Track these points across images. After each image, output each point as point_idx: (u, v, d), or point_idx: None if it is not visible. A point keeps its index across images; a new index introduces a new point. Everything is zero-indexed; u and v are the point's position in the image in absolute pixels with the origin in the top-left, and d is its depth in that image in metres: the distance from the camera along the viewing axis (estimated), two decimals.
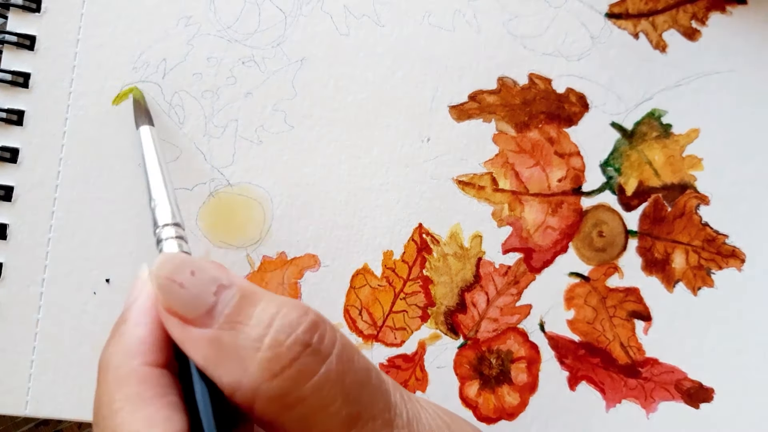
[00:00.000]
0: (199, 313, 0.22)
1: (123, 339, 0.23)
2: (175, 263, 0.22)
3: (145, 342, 0.23)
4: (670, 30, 0.35)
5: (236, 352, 0.21)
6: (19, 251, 0.32)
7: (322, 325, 0.22)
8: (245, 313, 0.22)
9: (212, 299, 0.22)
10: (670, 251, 0.35)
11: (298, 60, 0.33)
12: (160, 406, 0.21)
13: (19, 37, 0.32)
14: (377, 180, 0.34)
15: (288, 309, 0.22)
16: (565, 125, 0.35)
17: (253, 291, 0.22)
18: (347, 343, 0.22)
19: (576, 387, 0.34)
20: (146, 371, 0.22)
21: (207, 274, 0.22)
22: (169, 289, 0.22)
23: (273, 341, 0.21)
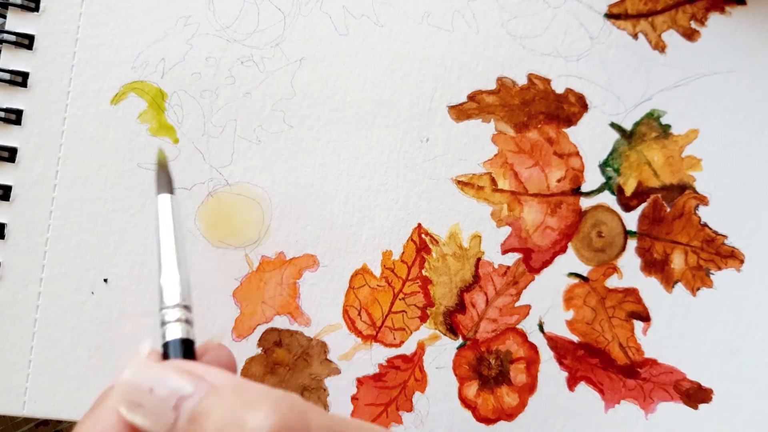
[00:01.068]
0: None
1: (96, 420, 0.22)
2: (133, 384, 0.21)
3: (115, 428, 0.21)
4: (670, 30, 0.35)
5: None
6: (17, 251, 0.32)
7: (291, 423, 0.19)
8: (198, 428, 0.20)
9: (171, 416, 0.20)
10: (669, 252, 0.35)
11: (297, 60, 0.33)
12: None
13: (17, 36, 0.32)
14: (376, 180, 0.34)
15: (247, 417, 0.19)
16: (564, 125, 0.35)
17: (214, 402, 0.20)
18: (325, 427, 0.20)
19: (575, 387, 0.34)
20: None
21: (166, 389, 0.21)
22: (130, 410, 0.21)
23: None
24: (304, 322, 0.33)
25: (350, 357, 0.34)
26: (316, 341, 0.34)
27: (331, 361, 0.34)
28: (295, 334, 0.33)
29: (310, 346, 0.33)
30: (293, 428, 0.19)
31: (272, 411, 0.19)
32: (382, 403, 0.34)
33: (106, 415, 0.21)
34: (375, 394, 0.34)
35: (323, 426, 0.20)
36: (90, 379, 0.33)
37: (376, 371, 0.34)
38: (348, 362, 0.34)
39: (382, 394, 0.34)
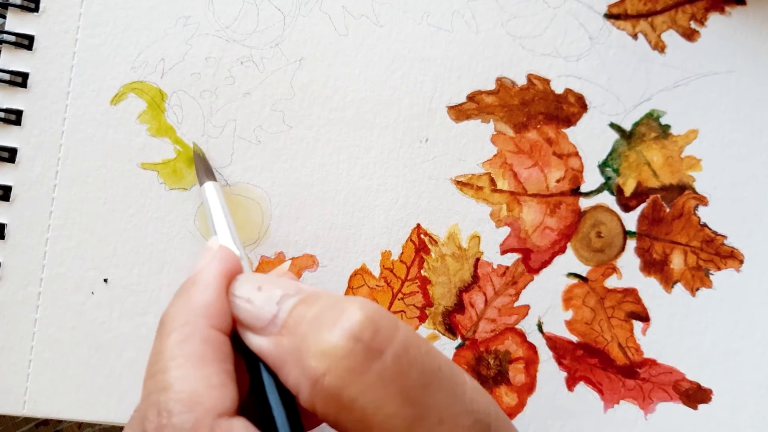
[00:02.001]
0: (264, 323, 0.22)
1: (191, 300, 0.23)
2: (242, 281, 0.24)
3: (212, 306, 0.23)
4: (669, 31, 0.35)
5: (294, 354, 0.21)
6: (17, 251, 0.32)
7: (377, 320, 0.21)
8: (301, 317, 0.22)
9: (275, 309, 0.22)
10: (668, 252, 0.35)
11: (296, 60, 0.33)
12: (219, 371, 0.22)
13: (17, 36, 0.32)
14: (375, 180, 0.34)
15: (343, 306, 0.21)
16: (563, 126, 0.35)
17: (312, 295, 0.23)
18: (410, 341, 0.21)
19: (574, 387, 0.34)
20: (212, 334, 0.23)
21: (273, 287, 0.23)
22: (238, 305, 0.23)
23: (324, 341, 0.21)
24: None
25: None
26: None
27: None
28: None
29: None
30: (380, 328, 0.21)
31: (362, 308, 0.21)
32: None
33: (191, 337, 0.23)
34: None
35: (409, 332, 0.21)
36: (90, 379, 0.33)
37: None
38: None
39: None
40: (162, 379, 0.22)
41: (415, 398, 0.20)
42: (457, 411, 0.21)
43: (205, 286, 0.24)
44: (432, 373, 0.21)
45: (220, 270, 0.24)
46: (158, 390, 0.21)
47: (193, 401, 0.21)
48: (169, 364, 0.22)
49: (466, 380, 0.22)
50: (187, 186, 0.33)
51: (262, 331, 0.22)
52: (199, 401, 0.21)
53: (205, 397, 0.21)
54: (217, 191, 0.30)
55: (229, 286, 0.24)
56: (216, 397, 0.21)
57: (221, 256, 0.25)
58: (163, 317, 0.24)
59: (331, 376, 0.20)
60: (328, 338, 0.21)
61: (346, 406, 0.20)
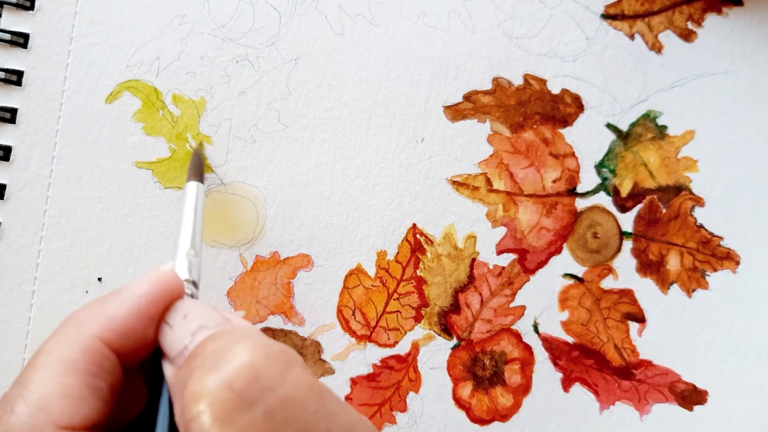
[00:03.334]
0: (175, 352, 0.22)
1: (97, 307, 0.23)
2: (175, 307, 0.23)
3: (113, 320, 0.22)
4: (666, 31, 0.35)
5: (180, 389, 0.20)
6: (12, 250, 0.32)
7: (260, 369, 0.19)
8: (200, 352, 0.21)
9: (188, 340, 0.22)
10: (664, 253, 0.35)
11: (292, 59, 0.33)
12: (83, 384, 0.21)
13: (12, 35, 0.32)
14: (371, 180, 0.34)
15: (234, 347, 0.20)
16: (560, 126, 0.34)
17: (225, 331, 0.21)
18: (294, 396, 0.19)
19: (569, 388, 0.34)
20: (94, 344, 0.22)
21: (196, 318, 0.22)
22: (161, 329, 0.23)
23: (200, 383, 0.19)
24: (298, 322, 0.33)
25: (344, 357, 0.34)
26: (310, 341, 0.33)
27: (325, 361, 0.34)
28: (289, 334, 0.33)
29: (304, 346, 0.33)
30: (260, 377, 0.19)
31: (249, 352, 0.20)
32: (375, 404, 0.34)
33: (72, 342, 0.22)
34: (369, 394, 0.34)
35: (300, 386, 0.20)
36: None
37: (370, 371, 0.34)
38: (342, 362, 0.34)
39: (376, 394, 0.34)
40: (26, 374, 0.21)
41: None
42: None
43: (120, 300, 0.23)
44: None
45: (146, 291, 0.23)
46: (18, 382, 0.21)
47: (39, 406, 0.20)
48: (39, 360, 0.21)
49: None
50: (182, 185, 0.33)
51: (172, 359, 0.22)
52: (45, 407, 0.20)
53: (54, 405, 0.20)
54: (199, 193, 0.29)
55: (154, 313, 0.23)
56: (66, 408, 0.20)
57: (160, 280, 0.23)
58: (70, 313, 0.23)
59: (201, 422, 0.19)
60: (206, 380, 0.19)
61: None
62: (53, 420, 0.20)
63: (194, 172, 0.30)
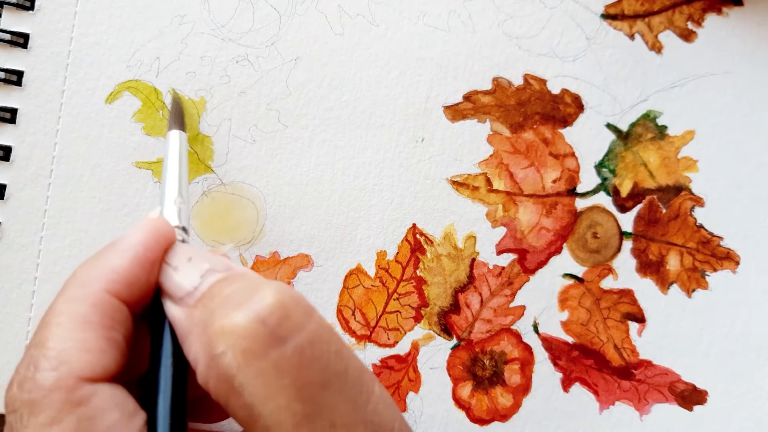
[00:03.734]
0: (183, 293, 0.22)
1: (98, 262, 0.23)
2: (177, 250, 0.23)
3: (117, 272, 0.22)
4: (666, 31, 0.35)
5: (200, 327, 0.21)
6: (12, 250, 0.32)
7: (289, 307, 0.20)
8: (217, 293, 0.21)
9: (197, 281, 0.22)
10: (664, 253, 0.35)
11: (292, 59, 0.33)
12: (100, 336, 0.21)
13: (12, 35, 0.32)
14: (371, 180, 0.34)
15: (260, 288, 0.21)
16: (560, 126, 0.34)
17: (237, 275, 0.22)
18: (319, 335, 0.20)
19: (569, 389, 0.34)
20: (104, 298, 0.22)
21: (202, 261, 0.23)
22: (165, 272, 0.23)
23: (228, 318, 0.20)
24: None
25: None
26: None
27: None
28: None
29: None
30: (290, 316, 0.20)
31: (276, 293, 0.20)
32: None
33: (81, 299, 0.22)
34: None
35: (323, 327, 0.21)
36: None
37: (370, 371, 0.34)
38: None
39: None
40: (40, 334, 0.21)
41: (309, 396, 0.19)
42: (352, 419, 0.20)
43: (119, 251, 0.23)
44: (335, 374, 0.20)
45: (142, 239, 0.23)
46: (34, 344, 0.21)
47: (59, 360, 0.20)
48: (52, 320, 0.21)
49: (374, 390, 0.21)
50: None
51: (180, 301, 0.22)
52: (66, 361, 0.20)
53: (74, 358, 0.21)
54: (182, 142, 0.29)
55: (152, 258, 0.23)
56: (87, 360, 0.21)
57: (152, 227, 0.24)
58: (71, 273, 0.23)
59: (227, 357, 0.19)
60: (233, 317, 0.20)
61: (236, 389, 0.19)
62: (75, 373, 0.20)
63: (175, 121, 0.30)
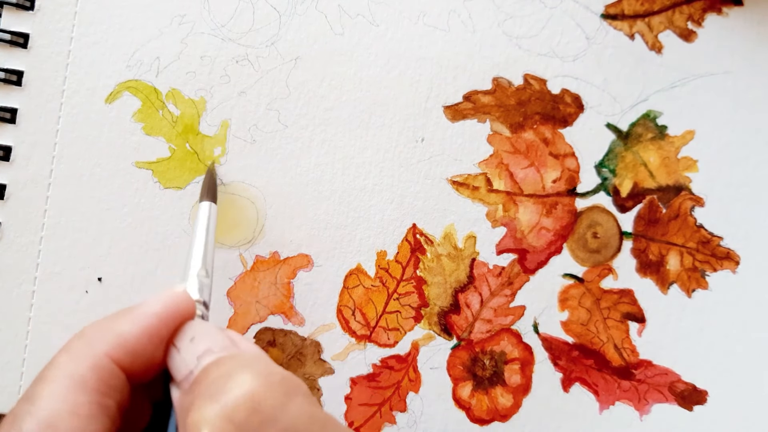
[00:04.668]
0: (181, 376, 0.22)
1: (109, 324, 0.23)
2: (184, 329, 0.23)
3: (123, 338, 0.22)
4: (666, 31, 0.35)
5: (183, 417, 0.20)
6: (12, 250, 0.32)
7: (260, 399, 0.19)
8: (204, 378, 0.21)
9: (194, 364, 0.22)
10: (664, 253, 0.35)
11: (292, 59, 0.33)
12: (93, 402, 0.21)
13: (12, 35, 0.32)
14: (371, 180, 0.34)
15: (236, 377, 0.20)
16: (560, 126, 0.34)
17: (230, 357, 0.21)
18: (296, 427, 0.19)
19: (569, 388, 0.34)
20: (105, 364, 0.22)
21: (202, 341, 0.22)
22: (170, 352, 0.23)
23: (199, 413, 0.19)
24: (298, 322, 0.33)
25: (344, 357, 0.34)
26: (310, 341, 0.34)
27: (325, 361, 0.34)
28: (289, 334, 0.33)
29: (303, 346, 0.33)
30: (261, 409, 0.19)
31: (249, 381, 0.19)
32: (375, 404, 0.34)
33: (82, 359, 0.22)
34: (368, 394, 0.34)
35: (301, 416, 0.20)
36: None
37: (370, 371, 0.34)
38: (342, 362, 0.34)
39: (376, 394, 0.34)
40: (35, 388, 0.21)
41: None
42: None
43: (132, 318, 0.23)
44: None
45: (159, 311, 0.23)
46: (25, 398, 0.21)
47: (47, 423, 0.20)
48: (48, 375, 0.21)
49: None
50: (182, 185, 0.33)
51: (179, 383, 0.22)
52: (54, 425, 0.20)
53: (63, 423, 0.20)
54: (211, 214, 0.29)
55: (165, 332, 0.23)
56: (75, 427, 0.20)
57: (172, 301, 0.23)
58: (82, 329, 0.23)
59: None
60: (204, 411, 0.19)
61: None
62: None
63: (208, 192, 0.30)
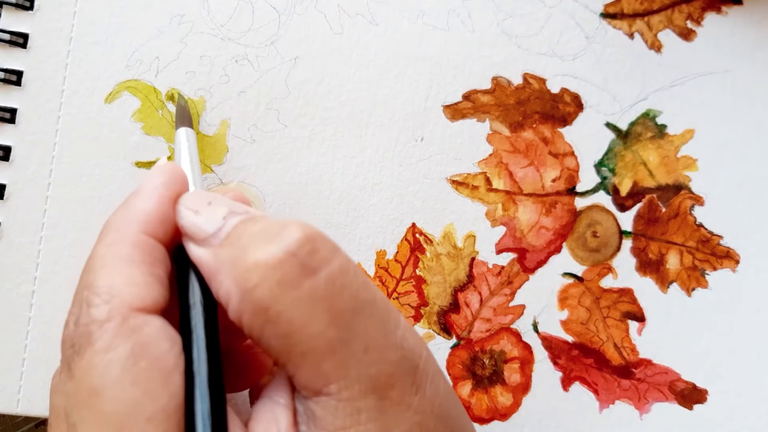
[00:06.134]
0: (207, 234, 0.23)
1: (129, 207, 0.24)
2: (193, 194, 0.25)
3: (149, 214, 0.24)
4: (666, 30, 0.35)
5: (230, 264, 0.21)
6: (11, 249, 0.32)
7: (316, 241, 0.21)
8: (243, 232, 0.22)
9: (220, 223, 0.23)
10: (664, 252, 0.35)
11: (291, 59, 0.33)
12: (144, 272, 0.22)
13: (11, 34, 0.32)
14: (370, 179, 0.34)
15: (287, 225, 0.21)
16: (559, 125, 0.34)
17: (259, 215, 0.23)
18: (346, 267, 0.21)
19: (569, 388, 0.34)
20: (142, 238, 0.23)
21: (222, 204, 0.24)
22: (184, 215, 0.24)
23: (260, 253, 0.21)
24: None
25: None
26: None
27: None
28: None
29: None
30: (318, 249, 0.21)
31: (303, 228, 0.21)
32: None
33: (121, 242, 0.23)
34: None
35: (350, 260, 0.22)
36: None
37: None
38: None
39: None
40: (88, 278, 0.23)
41: (343, 322, 0.20)
42: (384, 343, 0.21)
43: (145, 194, 0.24)
44: (365, 302, 0.21)
45: (163, 181, 0.25)
46: (84, 287, 0.22)
47: (110, 294, 0.22)
48: (96, 263, 0.23)
49: (400, 319, 0.22)
50: None
51: (203, 242, 0.23)
52: (116, 294, 0.22)
53: (124, 291, 0.22)
54: (190, 139, 0.30)
55: (175, 198, 0.24)
56: (135, 293, 0.22)
57: (168, 170, 0.25)
58: (104, 223, 0.24)
59: (262, 288, 0.20)
60: (264, 251, 0.21)
61: (272, 319, 0.20)
62: (127, 303, 0.21)
63: (182, 119, 0.31)
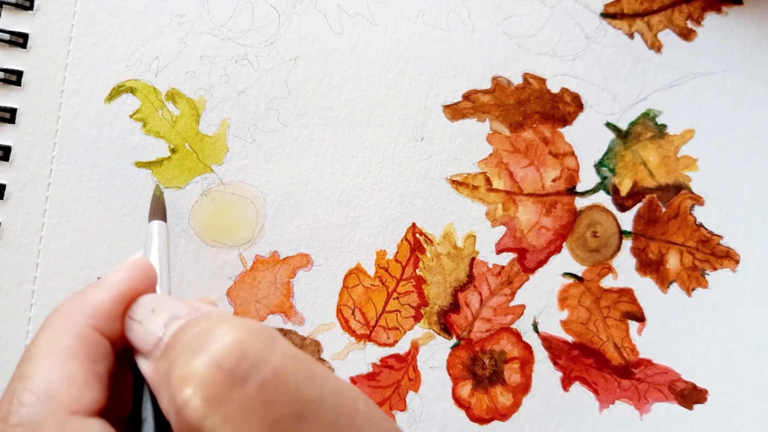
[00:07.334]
0: (149, 346, 0.22)
1: (83, 297, 0.23)
2: (140, 302, 0.23)
3: (99, 308, 0.23)
4: (666, 30, 0.35)
5: (166, 380, 0.20)
6: (12, 250, 0.32)
7: (245, 345, 0.19)
8: (177, 341, 0.21)
9: (161, 332, 0.22)
10: (664, 252, 0.35)
11: (291, 59, 0.33)
12: (86, 369, 0.21)
13: (11, 35, 0.32)
14: (371, 179, 0.34)
15: (216, 330, 0.20)
16: (559, 125, 0.34)
17: (199, 318, 0.21)
18: (284, 367, 0.20)
19: (569, 388, 0.34)
20: (89, 333, 0.22)
21: (165, 310, 0.22)
22: (130, 327, 0.23)
23: (187, 367, 0.19)
24: (297, 321, 0.33)
25: (344, 356, 0.34)
26: (310, 340, 0.34)
27: (325, 360, 0.34)
28: (289, 333, 0.33)
29: (303, 345, 0.33)
30: (248, 353, 0.19)
31: (231, 331, 0.20)
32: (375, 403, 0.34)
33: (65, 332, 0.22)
34: (368, 393, 0.34)
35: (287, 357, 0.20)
36: None
37: (370, 370, 0.34)
38: (341, 361, 0.34)
39: (376, 393, 0.34)
40: (25, 368, 0.21)
41: (283, 430, 0.19)
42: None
43: (103, 287, 0.23)
44: (308, 402, 0.19)
45: (126, 277, 0.23)
46: (18, 378, 0.21)
47: (46, 394, 0.20)
48: (36, 353, 0.21)
49: (358, 408, 0.20)
50: (182, 185, 0.33)
51: (147, 354, 0.22)
52: (54, 395, 0.20)
53: (62, 392, 0.20)
54: (161, 234, 0.29)
55: (135, 296, 0.23)
56: (74, 394, 0.21)
57: (136, 267, 0.24)
58: (54, 308, 0.23)
59: (193, 405, 0.19)
60: (191, 365, 0.19)
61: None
62: (63, 405, 0.20)
63: (156, 213, 0.31)
